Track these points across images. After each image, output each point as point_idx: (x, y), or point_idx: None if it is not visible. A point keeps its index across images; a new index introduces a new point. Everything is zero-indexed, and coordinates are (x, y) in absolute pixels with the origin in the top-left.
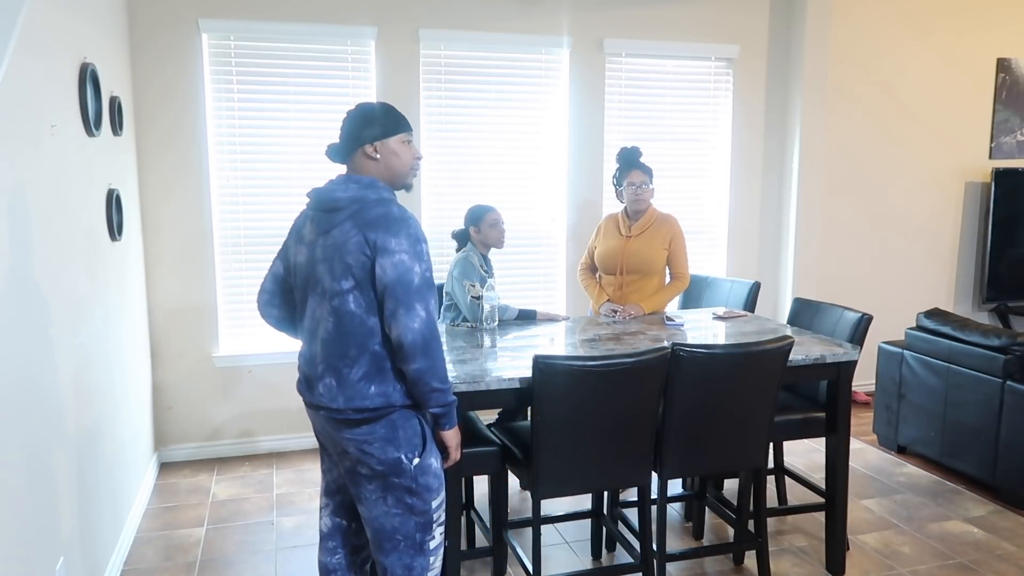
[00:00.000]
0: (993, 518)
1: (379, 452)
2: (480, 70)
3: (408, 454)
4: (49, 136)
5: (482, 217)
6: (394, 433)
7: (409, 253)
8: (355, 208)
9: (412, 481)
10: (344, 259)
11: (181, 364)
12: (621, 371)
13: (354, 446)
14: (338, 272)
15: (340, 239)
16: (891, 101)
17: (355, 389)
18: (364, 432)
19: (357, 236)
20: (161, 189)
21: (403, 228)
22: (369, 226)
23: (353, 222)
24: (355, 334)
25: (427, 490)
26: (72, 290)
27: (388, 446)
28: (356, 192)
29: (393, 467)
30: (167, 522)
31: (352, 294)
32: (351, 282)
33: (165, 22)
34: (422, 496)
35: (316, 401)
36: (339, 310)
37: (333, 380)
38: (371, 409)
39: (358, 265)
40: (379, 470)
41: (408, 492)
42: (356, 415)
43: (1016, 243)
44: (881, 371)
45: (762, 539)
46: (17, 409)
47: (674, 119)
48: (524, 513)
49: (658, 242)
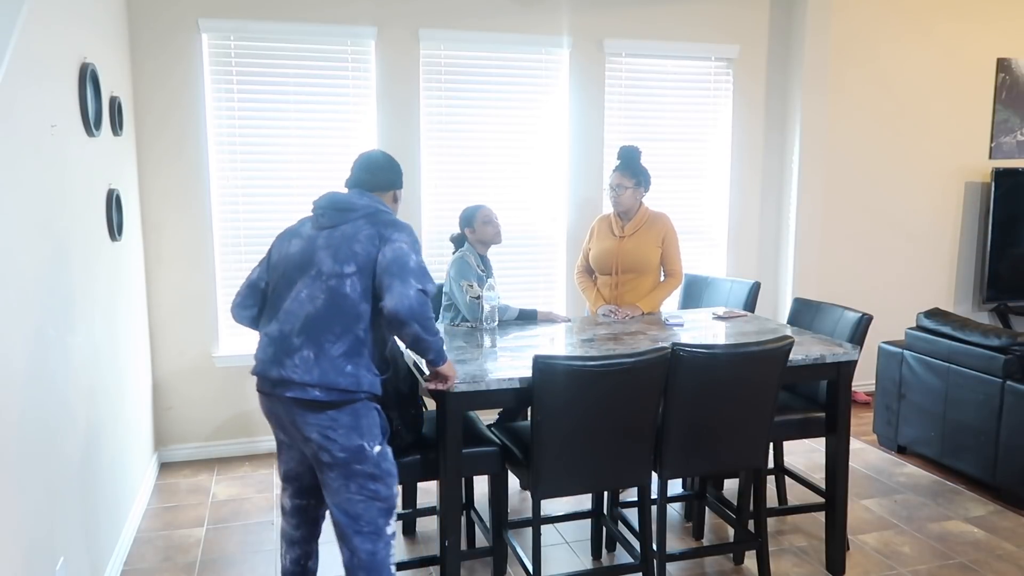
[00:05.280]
0: (993, 518)
1: (343, 439)
2: (480, 70)
3: (370, 442)
4: (49, 136)
5: (474, 216)
6: (357, 421)
7: (408, 243)
8: (370, 212)
9: (375, 467)
10: (352, 247)
11: (181, 364)
12: (621, 371)
13: (317, 431)
14: (343, 257)
15: (351, 232)
16: (891, 101)
17: (332, 363)
18: (328, 419)
19: (370, 230)
20: (161, 189)
21: (407, 231)
22: (380, 224)
23: (367, 220)
24: (345, 314)
25: (388, 475)
26: (72, 290)
27: (352, 433)
28: (371, 202)
29: (356, 454)
30: (167, 522)
31: (351, 279)
32: (352, 267)
33: (165, 22)
34: (385, 481)
35: (285, 375)
36: (335, 290)
37: (312, 352)
38: (339, 390)
39: (364, 254)
40: (341, 457)
41: (371, 478)
42: (323, 395)
43: (1016, 243)
44: (881, 371)
45: (762, 539)
46: (17, 409)
47: (674, 119)
48: (524, 513)
49: (651, 241)
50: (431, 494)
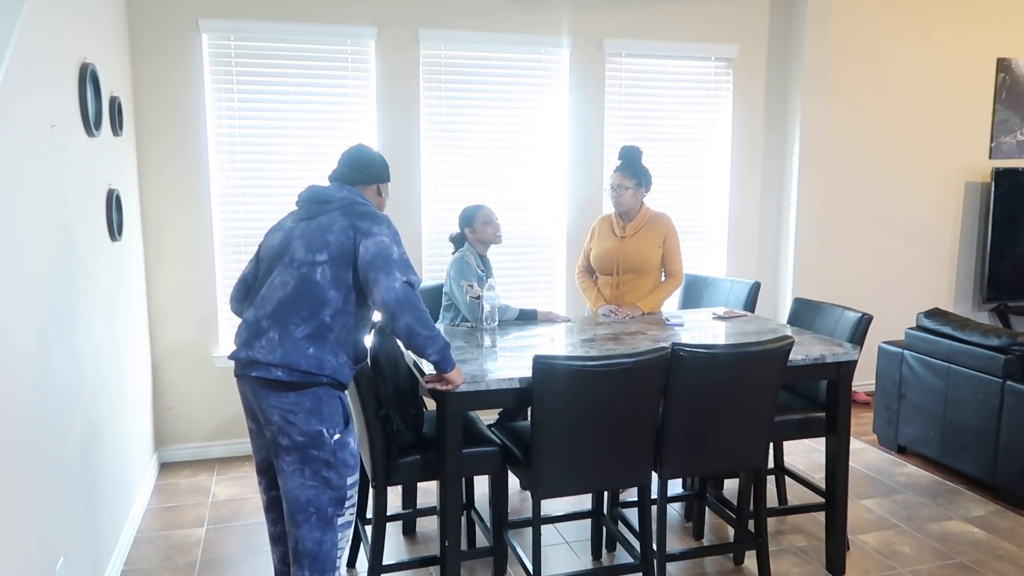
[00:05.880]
0: (993, 518)
1: (303, 423)
2: (480, 70)
3: (330, 428)
4: (49, 136)
5: (474, 216)
6: (319, 407)
7: (389, 237)
8: (346, 203)
9: (331, 455)
10: (325, 236)
11: (181, 364)
12: (621, 371)
13: (279, 414)
14: (315, 246)
15: (326, 222)
16: (891, 101)
17: (295, 345)
18: (290, 401)
19: (343, 221)
20: (161, 189)
21: (386, 223)
22: (356, 216)
23: (342, 212)
24: (312, 300)
25: (344, 465)
26: (72, 290)
27: (312, 418)
28: (349, 195)
29: (314, 439)
30: (167, 522)
31: (322, 267)
32: (324, 256)
33: (165, 22)
34: (339, 471)
35: (252, 355)
36: (305, 277)
37: (276, 334)
38: (302, 371)
39: (337, 244)
40: (300, 441)
41: (326, 465)
42: (286, 376)
43: (1016, 243)
44: (881, 371)
45: (762, 539)
46: (17, 409)
47: (674, 119)
48: (524, 513)
49: (652, 241)
50: (431, 494)
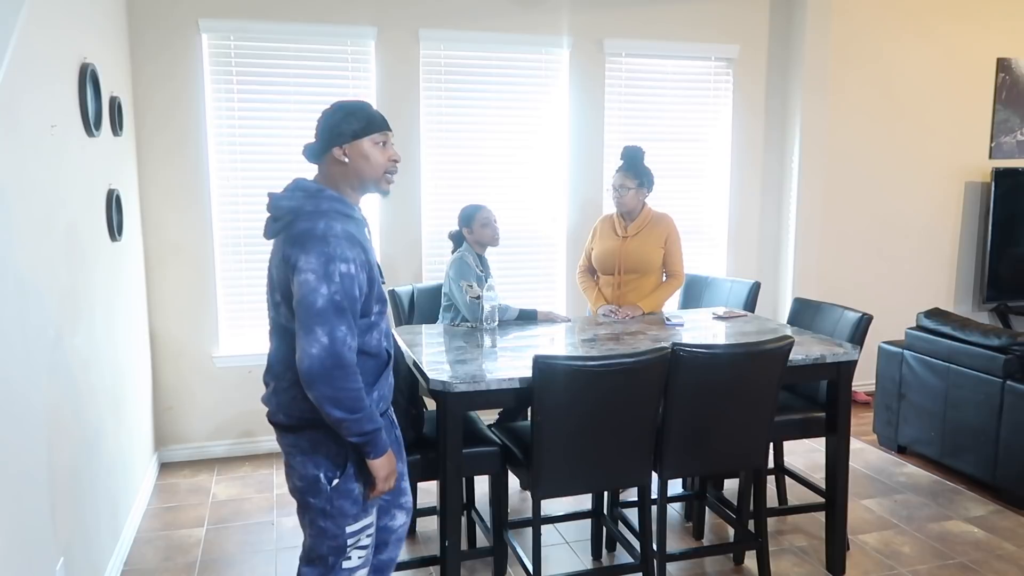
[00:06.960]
0: (993, 518)
1: (300, 467)
2: (480, 70)
3: (328, 473)
4: (49, 136)
5: (473, 217)
6: (315, 449)
7: (317, 273)
8: (289, 220)
9: (327, 503)
10: (272, 270)
11: (181, 364)
12: (621, 371)
13: (285, 455)
14: (272, 282)
15: (274, 251)
16: (891, 101)
17: (286, 395)
18: (291, 441)
19: (280, 252)
20: (161, 189)
21: (318, 246)
22: (289, 242)
23: (284, 235)
24: (288, 347)
25: (341, 515)
26: (72, 290)
27: (308, 462)
28: (298, 202)
29: (310, 486)
30: (167, 522)
31: (281, 307)
32: (278, 296)
33: (165, 22)
34: (336, 520)
35: (264, 399)
36: (275, 322)
37: (272, 387)
38: (297, 416)
39: (281, 280)
40: (299, 486)
41: (322, 514)
42: (286, 419)
43: (1016, 243)
44: (881, 371)
45: (762, 539)
46: (17, 409)
47: (674, 119)
48: (524, 513)
49: (654, 241)
50: (431, 494)
